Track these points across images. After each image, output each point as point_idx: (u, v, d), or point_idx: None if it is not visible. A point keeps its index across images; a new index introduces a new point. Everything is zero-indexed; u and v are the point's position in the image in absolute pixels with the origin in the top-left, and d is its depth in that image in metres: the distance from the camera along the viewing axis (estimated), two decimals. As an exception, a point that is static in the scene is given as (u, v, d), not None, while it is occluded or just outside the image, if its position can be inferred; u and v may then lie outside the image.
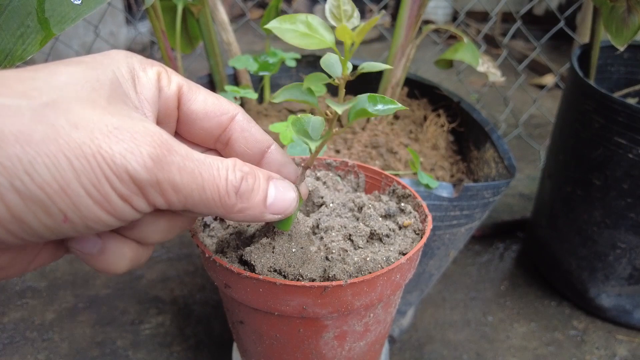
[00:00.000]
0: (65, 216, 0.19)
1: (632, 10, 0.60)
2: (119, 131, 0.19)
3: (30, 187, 0.18)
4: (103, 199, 0.19)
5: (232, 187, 0.23)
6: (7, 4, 0.41)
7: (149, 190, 0.20)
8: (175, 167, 0.21)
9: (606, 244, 0.67)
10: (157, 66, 0.26)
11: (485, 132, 0.62)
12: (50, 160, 0.18)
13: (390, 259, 0.33)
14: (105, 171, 0.19)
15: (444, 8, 2.99)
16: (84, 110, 0.19)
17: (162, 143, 0.20)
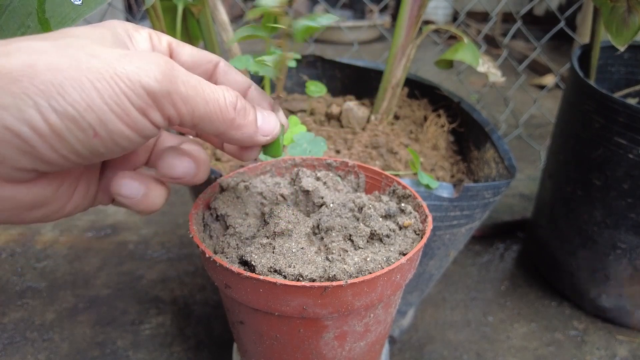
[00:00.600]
0: (95, 131, 0.22)
1: (632, 11, 0.59)
2: (128, 56, 0.23)
3: (64, 105, 0.21)
4: (124, 113, 0.22)
5: (230, 103, 0.27)
6: (7, 5, 0.41)
7: (162, 102, 0.23)
8: (180, 81, 0.24)
9: (606, 244, 0.67)
10: (147, 29, 0.29)
11: (486, 133, 0.62)
12: (76, 83, 0.21)
13: (391, 259, 0.33)
14: (122, 87, 0.22)
15: (444, 8, 2.99)
16: (97, 47, 0.23)
17: (166, 61, 0.24)
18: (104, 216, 0.93)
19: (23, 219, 0.25)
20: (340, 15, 2.71)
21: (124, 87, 0.22)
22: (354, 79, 0.77)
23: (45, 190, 0.25)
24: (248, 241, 0.35)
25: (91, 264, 0.79)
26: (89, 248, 0.83)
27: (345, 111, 0.67)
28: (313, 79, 0.78)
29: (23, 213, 0.25)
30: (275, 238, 0.33)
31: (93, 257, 0.81)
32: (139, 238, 0.86)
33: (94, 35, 0.24)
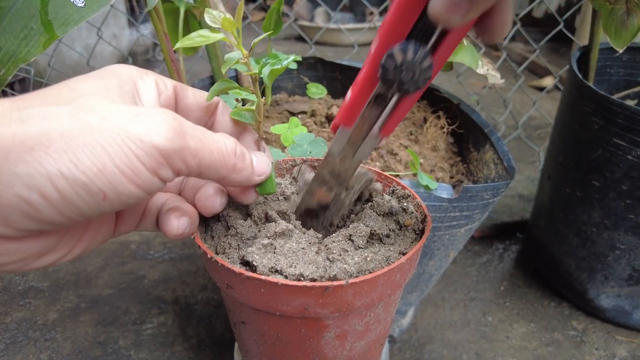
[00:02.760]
0: (104, 194, 0.23)
1: (631, 13, 0.60)
2: (138, 116, 0.23)
3: (75, 173, 0.21)
4: (134, 174, 0.23)
5: (231, 150, 0.28)
6: (10, 6, 0.41)
7: (173, 159, 0.24)
8: (189, 136, 0.25)
9: (605, 245, 0.68)
10: (152, 74, 0.30)
11: (485, 134, 0.62)
12: (88, 149, 0.22)
13: (391, 259, 0.33)
14: (134, 149, 0.23)
15: (444, 10, 2.98)
16: (105, 106, 0.23)
17: (174, 118, 0.25)
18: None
19: (32, 267, 0.26)
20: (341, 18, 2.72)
21: (135, 149, 0.23)
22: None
23: (50, 241, 0.26)
24: (249, 241, 0.35)
25: (93, 264, 0.80)
26: (91, 248, 0.84)
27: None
28: (314, 80, 0.78)
29: (31, 262, 0.25)
30: (276, 238, 0.34)
31: (95, 257, 0.82)
32: (140, 238, 0.87)
33: (100, 91, 0.25)
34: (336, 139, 0.33)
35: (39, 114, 0.22)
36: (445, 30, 0.27)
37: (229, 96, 0.57)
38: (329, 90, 0.78)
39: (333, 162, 0.35)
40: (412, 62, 0.27)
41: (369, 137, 0.33)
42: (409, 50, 0.27)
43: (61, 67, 1.43)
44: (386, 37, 0.27)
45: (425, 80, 0.28)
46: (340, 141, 0.33)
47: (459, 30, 0.27)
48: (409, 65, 0.27)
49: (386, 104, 0.31)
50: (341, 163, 0.35)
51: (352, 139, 0.33)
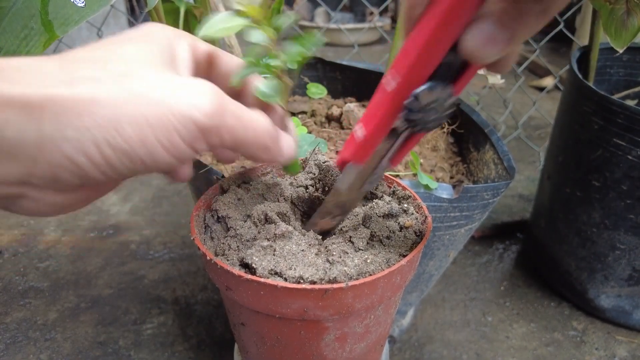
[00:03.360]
0: (142, 161, 0.24)
1: (631, 13, 0.60)
2: (181, 88, 0.24)
3: (119, 141, 0.23)
4: (172, 146, 0.24)
5: (265, 130, 0.29)
6: (10, 6, 0.41)
7: (210, 134, 0.25)
8: (228, 113, 0.26)
9: (605, 245, 0.68)
10: (187, 37, 0.30)
11: (485, 134, 0.62)
12: (132, 120, 0.23)
13: (391, 261, 0.33)
14: (175, 124, 0.24)
15: (444, 9, 2.98)
16: (150, 75, 0.24)
17: (216, 94, 0.25)
18: (107, 216, 0.93)
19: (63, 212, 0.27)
20: (341, 18, 2.72)
21: (177, 124, 0.24)
22: (354, 81, 0.78)
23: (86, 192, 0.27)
24: (249, 243, 0.35)
25: (93, 264, 0.80)
26: (92, 248, 0.84)
27: (345, 113, 0.67)
28: (314, 80, 0.78)
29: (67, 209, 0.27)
30: (276, 240, 0.34)
31: (95, 257, 0.82)
32: (141, 238, 0.87)
33: (146, 57, 0.26)
34: (345, 175, 0.33)
35: (88, 78, 0.23)
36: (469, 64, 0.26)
37: None
38: (329, 90, 0.78)
39: (339, 195, 0.34)
40: (437, 102, 0.27)
41: (379, 169, 0.32)
42: (435, 90, 0.26)
43: (61, 67, 1.42)
44: (410, 75, 0.26)
45: (447, 117, 0.28)
46: (349, 177, 0.33)
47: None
48: (435, 106, 0.27)
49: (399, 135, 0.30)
50: (347, 194, 0.34)
51: (361, 173, 0.32)
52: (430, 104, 0.27)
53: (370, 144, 0.30)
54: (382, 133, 0.30)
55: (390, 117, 0.28)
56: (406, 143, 0.31)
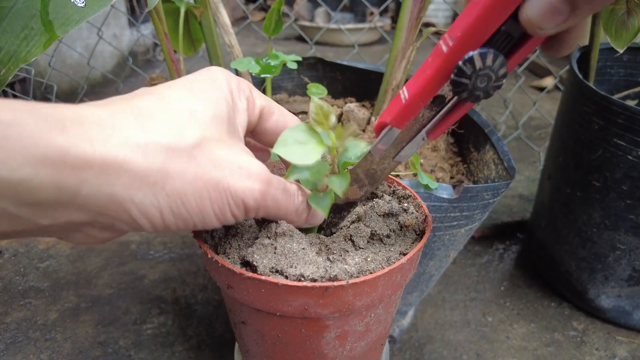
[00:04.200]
0: (195, 225, 0.28)
1: (631, 13, 0.60)
2: (241, 170, 0.28)
3: (182, 210, 0.26)
4: (222, 216, 0.28)
5: (296, 209, 0.32)
6: (11, 6, 0.41)
7: (251, 212, 0.30)
8: (269, 198, 0.30)
9: (606, 245, 0.68)
10: (246, 90, 0.33)
11: (485, 134, 0.62)
12: (197, 193, 0.26)
13: (391, 259, 0.33)
14: (229, 201, 0.28)
15: (444, 11, 2.99)
16: (218, 150, 0.28)
17: (266, 179, 0.29)
18: (106, 217, 0.93)
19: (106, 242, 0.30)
20: (341, 18, 2.72)
21: (231, 201, 0.28)
22: (354, 81, 0.78)
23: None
24: (250, 242, 0.35)
25: (93, 264, 0.80)
26: (92, 248, 0.84)
27: (346, 113, 0.67)
28: (314, 81, 0.78)
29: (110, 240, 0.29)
30: (277, 238, 0.34)
31: (95, 257, 0.82)
32: (141, 238, 0.87)
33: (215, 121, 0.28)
34: (382, 138, 0.32)
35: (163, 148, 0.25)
36: (526, 37, 0.25)
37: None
38: (329, 91, 0.78)
39: (372, 161, 0.33)
40: (490, 70, 0.26)
41: (416, 139, 0.31)
42: (489, 57, 0.26)
43: (62, 67, 1.43)
44: (464, 40, 0.26)
45: (497, 88, 0.27)
46: (385, 141, 0.32)
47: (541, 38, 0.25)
48: (487, 73, 0.26)
49: (443, 106, 0.29)
50: (379, 162, 0.34)
51: (398, 139, 0.31)
52: (481, 70, 0.26)
53: (413, 107, 0.29)
54: (427, 97, 0.29)
55: (437, 80, 0.28)
56: (449, 115, 0.30)
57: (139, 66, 1.81)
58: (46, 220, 0.23)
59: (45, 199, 0.22)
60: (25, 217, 0.22)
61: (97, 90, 1.62)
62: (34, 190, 0.21)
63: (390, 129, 0.31)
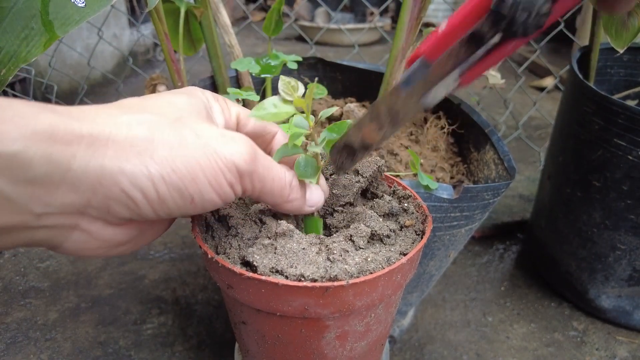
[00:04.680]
0: (193, 199, 0.27)
1: (631, 13, 0.60)
2: (225, 137, 0.28)
3: (173, 178, 0.26)
4: (218, 185, 0.27)
5: (288, 182, 0.32)
6: (11, 6, 0.41)
7: (245, 178, 0.29)
8: (260, 163, 0.29)
9: (606, 245, 0.68)
10: (221, 100, 0.34)
11: (486, 134, 0.62)
12: (185, 159, 0.26)
13: (391, 260, 0.33)
14: (221, 166, 0.27)
15: (444, 11, 2.99)
16: (198, 124, 0.28)
17: (251, 145, 0.29)
18: (106, 217, 0.93)
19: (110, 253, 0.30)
20: (341, 18, 2.72)
21: (222, 165, 0.27)
22: (354, 81, 0.78)
23: (134, 230, 0.29)
24: (250, 242, 0.35)
25: (94, 264, 0.80)
26: (91, 248, 0.84)
27: (346, 113, 0.67)
28: (314, 81, 0.78)
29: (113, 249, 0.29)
30: (277, 239, 0.34)
31: (95, 257, 0.82)
32: (140, 239, 0.87)
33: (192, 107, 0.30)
34: (412, 70, 0.29)
35: (147, 121, 0.26)
36: None
37: (229, 96, 0.57)
38: (329, 91, 0.78)
39: (397, 96, 0.31)
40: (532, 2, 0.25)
41: (447, 79, 0.29)
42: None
43: (62, 67, 1.43)
44: None
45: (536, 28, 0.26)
46: (415, 74, 0.29)
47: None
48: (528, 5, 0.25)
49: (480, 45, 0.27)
50: (405, 101, 0.31)
51: (429, 75, 0.29)
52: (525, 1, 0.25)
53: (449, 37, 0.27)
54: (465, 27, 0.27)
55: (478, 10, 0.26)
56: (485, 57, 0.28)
57: (139, 66, 1.81)
58: (40, 206, 0.24)
59: (38, 175, 0.23)
60: (20, 201, 0.23)
61: (98, 91, 1.62)
62: (27, 164, 0.22)
63: (423, 62, 0.29)
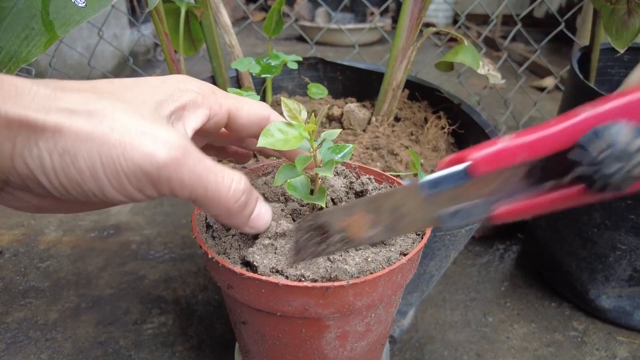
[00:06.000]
0: (93, 193, 0.26)
1: (632, 13, 0.60)
2: (144, 135, 0.25)
3: (72, 171, 0.25)
4: (120, 186, 0.26)
5: (232, 196, 0.29)
6: (11, 6, 0.41)
7: (159, 184, 0.26)
8: (185, 169, 0.26)
9: (606, 245, 0.68)
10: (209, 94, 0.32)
11: (486, 134, 0.62)
12: (87, 155, 0.25)
13: (392, 260, 0.33)
14: (124, 168, 0.25)
15: (444, 11, 2.99)
16: (124, 117, 0.26)
17: (178, 147, 0.26)
18: (107, 216, 0.93)
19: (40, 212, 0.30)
20: (342, 18, 2.72)
21: (126, 168, 0.25)
22: (355, 81, 0.78)
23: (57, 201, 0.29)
24: (250, 242, 0.35)
25: (94, 263, 0.80)
26: (92, 248, 0.84)
27: (346, 113, 0.67)
28: (314, 81, 0.78)
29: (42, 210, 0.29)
30: (277, 239, 0.34)
31: (96, 257, 0.82)
32: (141, 238, 0.87)
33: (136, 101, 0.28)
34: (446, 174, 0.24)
35: (65, 109, 0.25)
36: None
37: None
38: (329, 91, 0.78)
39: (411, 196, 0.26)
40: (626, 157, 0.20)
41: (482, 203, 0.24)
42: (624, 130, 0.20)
43: (62, 67, 1.43)
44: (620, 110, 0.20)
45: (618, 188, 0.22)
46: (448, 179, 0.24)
47: None
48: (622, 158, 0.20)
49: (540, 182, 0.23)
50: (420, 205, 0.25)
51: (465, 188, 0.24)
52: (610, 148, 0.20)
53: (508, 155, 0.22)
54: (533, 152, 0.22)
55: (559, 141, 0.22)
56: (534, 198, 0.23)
57: (139, 66, 1.81)
58: None
59: None
60: None
61: (98, 90, 1.62)
62: None
63: (464, 171, 0.23)
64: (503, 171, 0.23)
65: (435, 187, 0.24)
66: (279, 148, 0.32)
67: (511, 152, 0.22)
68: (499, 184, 0.23)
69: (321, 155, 0.36)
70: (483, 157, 0.23)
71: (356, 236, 0.29)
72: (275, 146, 0.31)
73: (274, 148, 0.32)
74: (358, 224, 0.28)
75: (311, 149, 0.34)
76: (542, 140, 0.22)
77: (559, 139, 0.22)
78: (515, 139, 0.22)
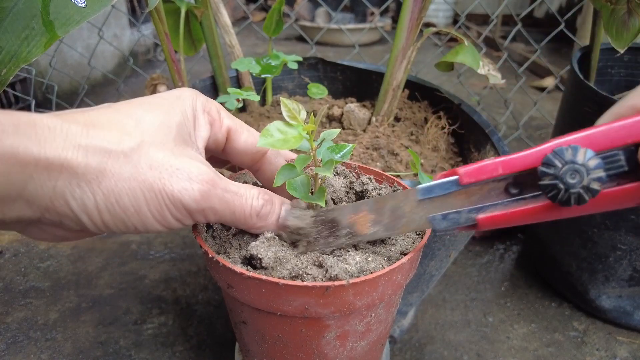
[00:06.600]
0: (136, 228, 0.29)
1: (632, 13, 0.60)
2: (179, 171, 0.28)
3: (117, 209, 0.27)
4: (162, 219, 0.29)
5: (254, 211, 0.32)
6: (12, 7, 0.41)
7: (196, 214, 0.30)
8: (216, 199, 0.30)
9: (606, 245, 0.68)
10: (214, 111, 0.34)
11: (486, 134, 0.62)
12: (131, 193, 0.27)
13: (392, 259, 0.33)
14: (167, 202, 0.28)
15: (444, 11, 2.99)
16: (157, 153, 0.28)
17: (209, 180, 0.29)
18: (107, 217, 0.93)
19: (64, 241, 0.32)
20: (342, 18, 2.72)
21: (168, 202, 0.28)
22: (355, 81, 0.78)
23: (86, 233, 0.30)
24: (250, 241, 0.35)
25: (94, 264, 0.80)
26: (92, 248, 0.84)
27: (346, 113, 0.67)
28: (314, 81, 0.78)
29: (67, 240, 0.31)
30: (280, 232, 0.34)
31: (96, 257, 0.82)
32: (141, 238, 0.87)
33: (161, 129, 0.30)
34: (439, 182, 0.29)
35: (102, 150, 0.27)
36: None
37: (230, 96, 0.57)
38: (329, 91, 0.78)
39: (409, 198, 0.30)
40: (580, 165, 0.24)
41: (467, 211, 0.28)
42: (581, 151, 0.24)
43: (62, 67, 1.43)
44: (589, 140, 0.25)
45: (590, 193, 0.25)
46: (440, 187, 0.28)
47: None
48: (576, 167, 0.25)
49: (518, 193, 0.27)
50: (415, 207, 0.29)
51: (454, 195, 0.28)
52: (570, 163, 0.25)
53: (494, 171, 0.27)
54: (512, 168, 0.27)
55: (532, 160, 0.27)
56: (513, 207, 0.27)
57: (139, 66, 1.81)
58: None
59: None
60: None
61: (98, 90, 1.62)
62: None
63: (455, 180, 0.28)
64: (487, 182, 0.28)
65: (429, 193, 0.29)
66: (278, 148, 0.32)
67: (493, 166, 0.27)
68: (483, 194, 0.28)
69: (321, 155, 0.36)
70: (470, 169, 0.28)
71: (360, 232, 0.32)
72: (274, 146, 0.32)
73: (273, 148, 0.32)
74: (362, 221, 0.32)
75: (310, 149, 0.34)
76: (518, 158, 0.27)
77: (531, 157, 0.27)
78: (497, 158, 0.28)
